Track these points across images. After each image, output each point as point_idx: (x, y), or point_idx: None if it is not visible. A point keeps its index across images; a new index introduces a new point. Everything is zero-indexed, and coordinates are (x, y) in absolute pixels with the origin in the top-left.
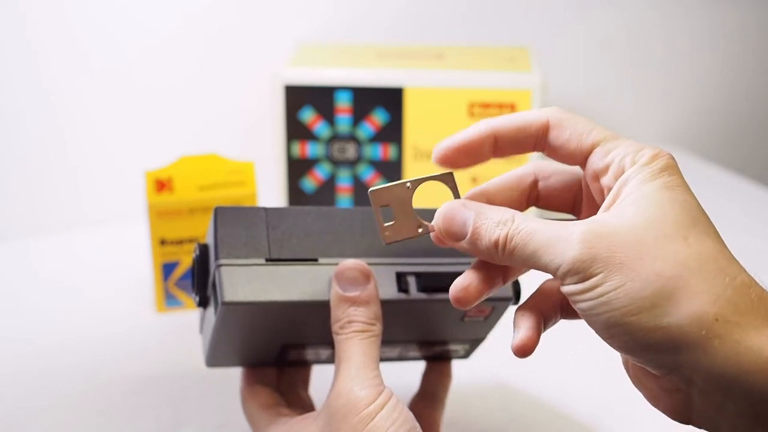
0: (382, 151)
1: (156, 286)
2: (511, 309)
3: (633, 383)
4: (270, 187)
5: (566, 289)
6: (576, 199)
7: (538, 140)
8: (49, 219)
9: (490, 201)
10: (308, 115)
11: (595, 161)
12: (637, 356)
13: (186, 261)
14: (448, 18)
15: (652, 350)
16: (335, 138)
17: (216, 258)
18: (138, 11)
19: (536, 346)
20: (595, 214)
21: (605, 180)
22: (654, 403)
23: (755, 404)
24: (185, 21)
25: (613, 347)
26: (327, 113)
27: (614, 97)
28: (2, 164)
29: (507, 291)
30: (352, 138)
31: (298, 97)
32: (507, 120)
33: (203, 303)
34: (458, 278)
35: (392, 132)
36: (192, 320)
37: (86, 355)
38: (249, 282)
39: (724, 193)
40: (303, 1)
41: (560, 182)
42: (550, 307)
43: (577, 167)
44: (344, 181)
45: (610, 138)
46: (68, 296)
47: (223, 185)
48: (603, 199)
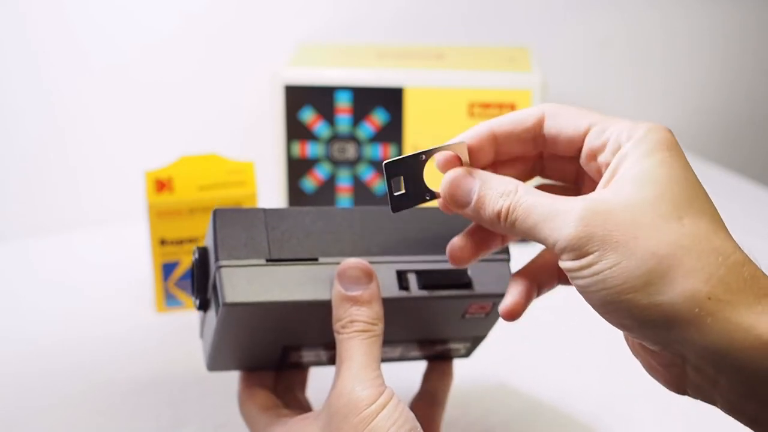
0: (382, 151)
1: (156, 286)
2: None
3: (632, 353)
4: (270, 187)
5: (563, 265)
6: (579, 170)
7: (537, 134)
8: (49, 219)
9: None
10: (308, 115)
11: (592, 140)
12: (633, 332)
13: (186, 261)
14: (448, 18)
15: (647, 327)
16: (335, 138)
17: (216, 259)
18: (138, 11)
19: (523, 312)
20: (594, 190)
21: (603, 157)
22: (651, 374)
23: (746, 380)
24: (185, 21)
25: (610, 323)
26: (327, 113)
27: (614, 97)
28: (2, 164)
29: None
30: (352, 138)
31: (298, 97)
32: (503, 117)
33: (204, 306)
34: (454, 238)
35: (392, 132)
36: (192, 320)
37: (86, 355)
38: (250, 283)
39: (724, 193)
40: (303, 1)
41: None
42: (547, 274)
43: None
44: (344, 181)
45: (606, 119)
46: (68, 296)
47: (223, 185)
48: (601, 179)
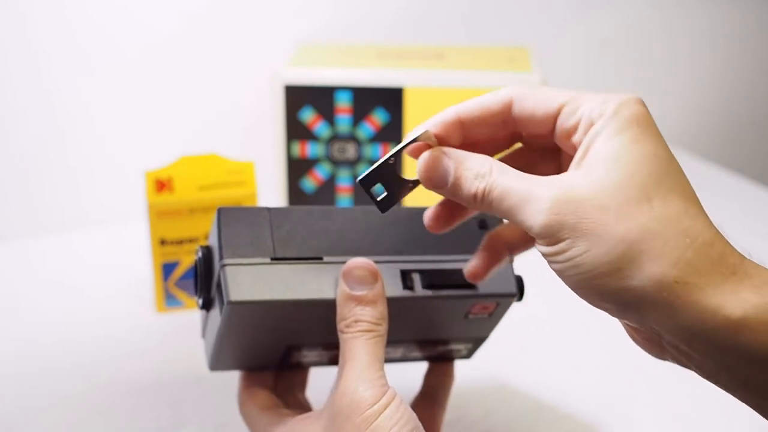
0: (382, 151)
1: (156, 286)
2: (515, 307)
3: (620, 322)
4: (270, 187)
5: (539, 249)
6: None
7: (506, 118)
8: (49, 219)
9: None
10: (308, 115)
11: (564, 121)
12: (609, 312)
13: (186, 261)
14: (448, 18)
15: (620, 309)
16: (335, 138)
17: (220, 258)
18: (138, 11)
19: (485, 274)
20: (567, 171)
21: (576, 137)
22: (635, 342)
23: (717, 356)
24: (185, 21)
25: (587, 302)
26: (327, 113)
27: None
28: (2, 164)
29: (511, 287)
30: (352, 138)
31: (298, 97)
32: (470, 103)
33: (207, 305)
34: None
35: (392, 132)
36: (192, 320)
37: (86, 355)
38: (254, 281)
39: (724, 193)
40: (303, 1)
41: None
42: (520, 237)
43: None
44: (344, 181)
45: (576, 96)
46: (68, 296)
47: (223, 185)
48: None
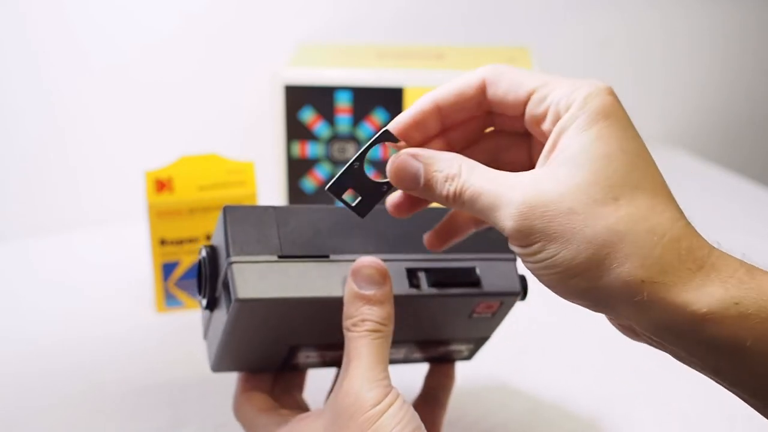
0: (382, 151)
1: (156, 286)
2: (515, 307)
3: None
4: (270, 187)
5: (512, 248)
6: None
7: (481, 100)
8: (49, 219)
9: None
10: (308, 115)
11: (532, 108)
12: (584, 307)
13: (186, 261)
14: (448, 18)
15: (593, 305)
16: (335, 138)
17: (227, 256)
18: (138, 11)
19: (444, 244)
20: (535, 167)
21: (545, 126)
22: (612, 324)
23: (688, 347)
24: (185, 21)
25: (562, 298)
26: (327, 113)
27: None
28: (2, 164)
29: (515, 286)
30: (352, 138)
31: (298, 97)
32: (445, 88)
33: (211, 305)
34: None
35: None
36: (192, 320)
37: (86, 355)
38: (261, 279)
39: (724, 193)
40: (303, 1)
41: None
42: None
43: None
44: None
45: (546, 82)
46: (68, 296)
47: (223, 185)
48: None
